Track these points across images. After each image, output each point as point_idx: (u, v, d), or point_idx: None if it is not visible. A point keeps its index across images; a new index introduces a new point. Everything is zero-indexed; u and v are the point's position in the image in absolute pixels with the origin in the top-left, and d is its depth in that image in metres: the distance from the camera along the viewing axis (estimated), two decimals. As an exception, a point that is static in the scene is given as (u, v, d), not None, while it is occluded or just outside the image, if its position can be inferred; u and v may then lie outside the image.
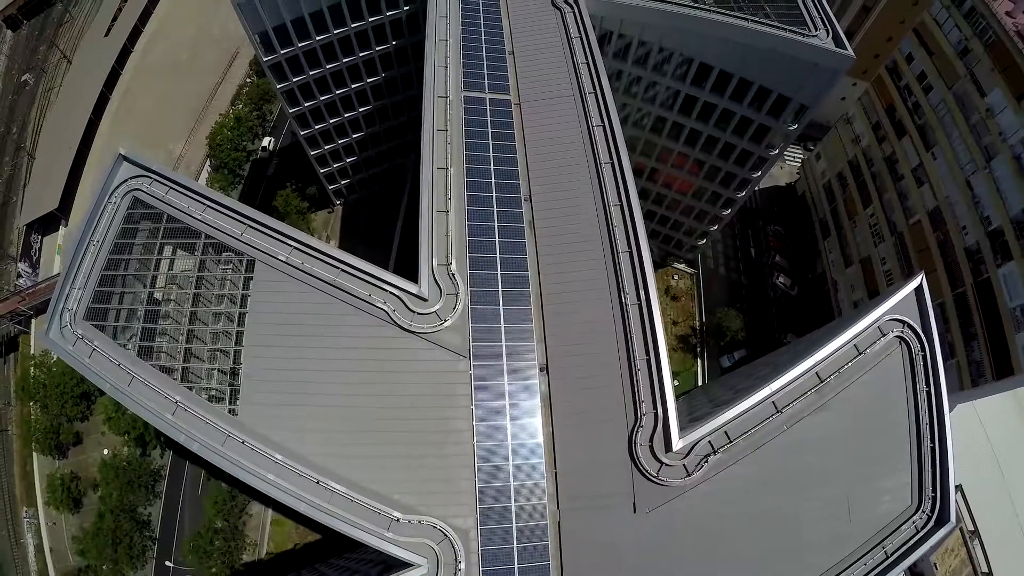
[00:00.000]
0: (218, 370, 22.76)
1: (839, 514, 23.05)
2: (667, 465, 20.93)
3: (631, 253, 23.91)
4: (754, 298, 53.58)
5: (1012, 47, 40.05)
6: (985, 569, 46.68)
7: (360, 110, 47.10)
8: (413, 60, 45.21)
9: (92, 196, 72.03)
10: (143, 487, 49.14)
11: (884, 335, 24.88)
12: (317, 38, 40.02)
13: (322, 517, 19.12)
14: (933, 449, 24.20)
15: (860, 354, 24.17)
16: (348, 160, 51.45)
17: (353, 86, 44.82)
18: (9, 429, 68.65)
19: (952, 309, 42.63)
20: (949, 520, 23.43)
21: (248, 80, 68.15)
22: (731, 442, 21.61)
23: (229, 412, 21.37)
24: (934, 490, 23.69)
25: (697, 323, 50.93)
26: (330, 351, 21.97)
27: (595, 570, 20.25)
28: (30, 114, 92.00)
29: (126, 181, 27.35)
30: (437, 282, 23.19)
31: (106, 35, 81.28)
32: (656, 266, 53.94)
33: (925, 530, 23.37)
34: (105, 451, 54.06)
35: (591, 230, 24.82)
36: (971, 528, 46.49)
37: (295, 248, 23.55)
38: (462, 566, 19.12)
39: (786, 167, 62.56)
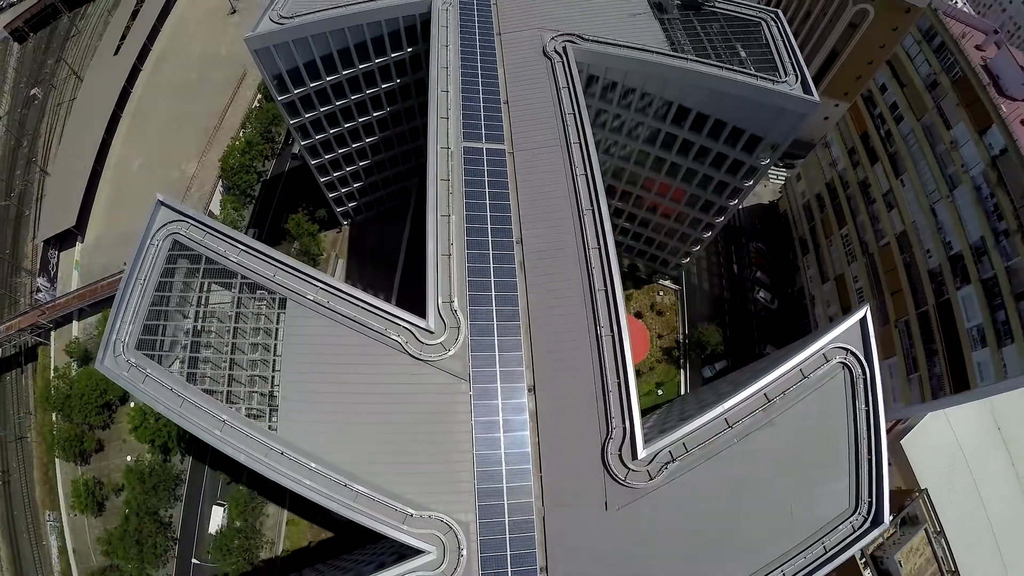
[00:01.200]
0: (258, 392, 27.91)
1: (783, 514, 28.02)
2: (633, 471, 26.03)
3: (606, 291, 28.98)
4: (736, 312, 58.71)
5: (976, 83, 44.54)
6: (951, 567, 51.84)
7: (367, 140, 52.26)
8: (416, 95, 50.31)
9: (108, 215, 76.21)
10: (165, 490, 54.42)
11: (828, 361, 29.83)
12: (327, 79, 45.16)
13: (349, 514, 24.28)
14: (870, 459, 28.84)
15: (805, 378, 29.16)
16: (355, 185, 56.63)
17: (360, 120, 49.96)
18: (28, 436, 74.05)
19: (916, 326, 47.42)
20: (883, 522, 27.90)
21: (257, 104, 72.97)
22: (688, 452, 26.69)
23: (269, 428, 26.52)
24: (870, 495, 28.29)
25: (681, 336, 56.10)
26: (353, 376, 27.11)
27: (573, 557, 25.34)
28: (40, 128, 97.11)
29: (166, 225, 32.39)
30: (442, 317, 28.34)
31: (115, 53, 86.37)
32: (642, 283, 59.71)
33: (861, 529, 27.91)
34: (128, 457, 59.40)
35: (572, 270, 29.92)
36: (936, 529, 51.63)
37: (321, 288, 28.72)
38: (464, 552, 24.28)
39: (770, 185, 67.54)
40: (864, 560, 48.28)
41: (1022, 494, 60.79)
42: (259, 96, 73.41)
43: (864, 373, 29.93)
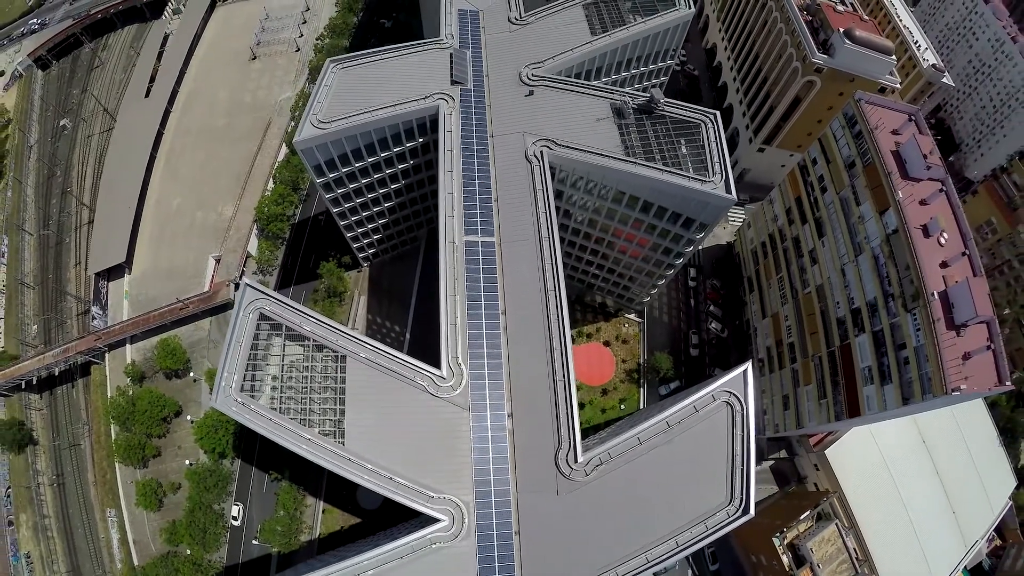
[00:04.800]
0: (329, 419, 46.49)
1: (677, 502, 46.21)
2: (575, 470, 44.52)
3: (561, 350, 47.35)
4: (691, 340, 77.06)
5: (881, 170, 60.34)
6: (860, 556, 70.67)
7: (385, 205, 70.65)
8: (425, 170, 68.46)
9: (152, 250, 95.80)
10: (221, 488, 73.61)
11: (715, 400, 47.88)
12: (356, 164, 63.36)
13: (394, 496, 42.73)
14: (742, 468, 46.43)
15: (697, 411, 47.29)
16: (375, 237, 75.15)
17: (380, 191, 68.33)
18: (81, 444, 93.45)
19: (826, 362, 65.35)
20: (750, 512, 44.72)
21: (283, 157, 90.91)
22: (611, 459, 45.15)
23: (339, 443, 45.11)
24: (741, 492, 46.01)
25: (641, 361, 74.70)
26: (393, 408, 45.68)
27: (535, 525, 43.81)
28: (72, 159, 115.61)
29: (252, 302, 50.38)
30: (451, 368, 46.85)
31: (146, 96, 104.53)
32: (611, 316, 78.19)
33: (734, 516, 45.24)
34: (187, 461, 78.64)
35: (539, 335, 48.25)
36: (847, 524, 70.37)
37: (369, 348, 47.19)
38: (466, 521, 42.87)
39: (728, 227, 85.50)
40: (783, 547, 67.04)
41: (945, 497, 79.40)
42: (285, 148, 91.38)
43: (742, 409, 47.80)
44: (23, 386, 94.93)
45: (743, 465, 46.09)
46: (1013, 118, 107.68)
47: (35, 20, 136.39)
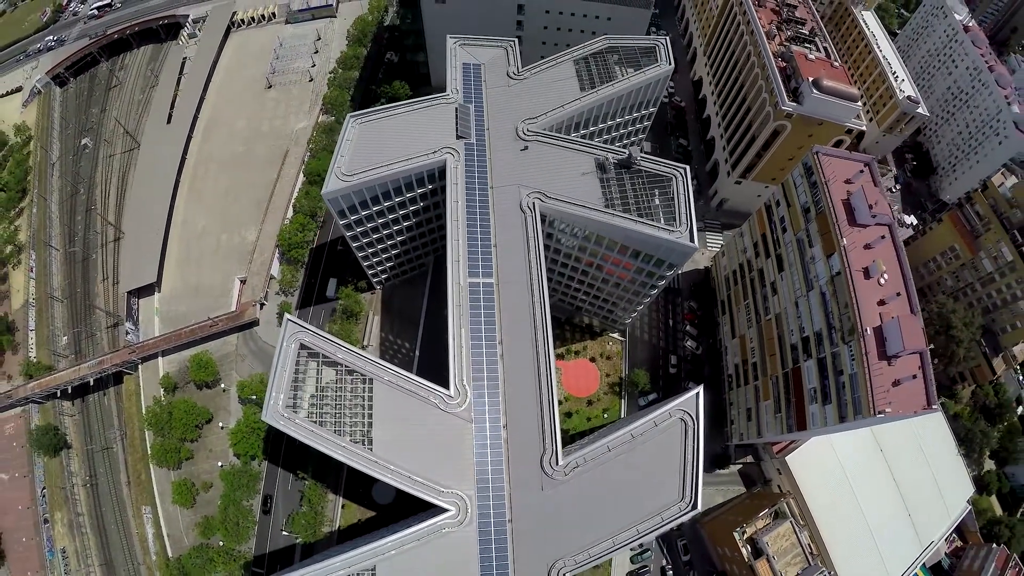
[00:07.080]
0: (359, 430, 62.20)
1: (638, 498, 61.90)
2: (556, 471, 60.22)
3: (548, 374, 62.93)
4: (668, 356, 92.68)
5: (831, 219, 75.25)
6: (813, 550, 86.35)
7: (398, 238, 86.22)
8: (433, 209, 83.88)
9: (179, 270, 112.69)
10: (250, 487, 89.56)
11: (672, 417, 63.52)
12: (373, 208, 78.83)
13: (412, 491, 58.32)
14: (692, 472, 62.23)
15: (656, 426, 62.96)
16: (388, 264, 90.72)
17: (394, 227, 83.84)
18: (114, 447, 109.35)
19: (781, 381, 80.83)
20: (697, 508, 60.82)
21: (301, 186, 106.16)
22: (586, 462, 60.84)
23: (368, 448, 60.80)
24: (691, 492, 61.72)
25: (623, 375, 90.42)
26: (411, 420, 61.36)
27: (524, 514, 59.44)
28: (95, 177, 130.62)
29: (294, 334, 66.01)
30: (458, 388, 62.49)
31: (168, 122, 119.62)
32: (596, 335, 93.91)
33: (685, 511, 61.14)
34: (218, 463, 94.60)
35: (528, 360, 63.89)
36: (801, 522, 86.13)
37: (392, 373, 62.84)
38: (469, 511, 58.57)
39: (707, 252, 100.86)
40: (743, 541, 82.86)
41: (902, 501, 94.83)
42: (302, 177, 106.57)
43: (694, 424, 63.36)
44: (57, 394, 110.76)
45: (693, 470, 61.66)
46: (987, 144, 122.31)
47: (51, 37, 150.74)
